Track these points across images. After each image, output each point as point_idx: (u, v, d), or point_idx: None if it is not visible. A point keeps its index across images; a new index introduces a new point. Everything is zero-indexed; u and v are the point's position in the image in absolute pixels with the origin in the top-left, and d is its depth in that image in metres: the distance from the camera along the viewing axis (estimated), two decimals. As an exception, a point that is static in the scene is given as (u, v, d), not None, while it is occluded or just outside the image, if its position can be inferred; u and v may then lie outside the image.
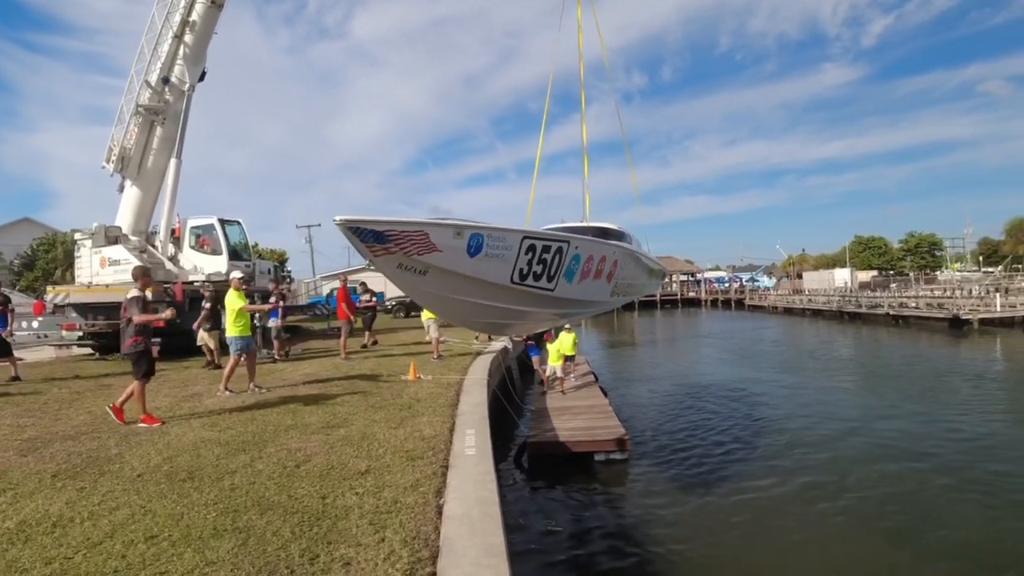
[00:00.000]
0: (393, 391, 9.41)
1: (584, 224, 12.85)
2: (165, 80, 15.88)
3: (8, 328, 12.88)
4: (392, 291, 44.42)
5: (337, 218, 5.92)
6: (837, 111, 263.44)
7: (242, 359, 9.63)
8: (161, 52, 15.88)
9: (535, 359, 16.80)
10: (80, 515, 4.40)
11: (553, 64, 13.89)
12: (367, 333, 16.75)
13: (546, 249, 7.71)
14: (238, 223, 18.44)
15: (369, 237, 6.07)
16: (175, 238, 17.12)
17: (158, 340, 11.15)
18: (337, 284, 14.84)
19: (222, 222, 17.53)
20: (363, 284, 17.87)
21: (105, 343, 15.16)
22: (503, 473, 9.69)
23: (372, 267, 6.64)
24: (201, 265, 17.01)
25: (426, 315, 14.86)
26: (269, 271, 19.18)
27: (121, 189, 16.73)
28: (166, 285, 14.68)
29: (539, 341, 17.08)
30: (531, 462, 10.81)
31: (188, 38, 15.88)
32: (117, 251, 15.68)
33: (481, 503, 4.46)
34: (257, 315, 13.23)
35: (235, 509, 4.44)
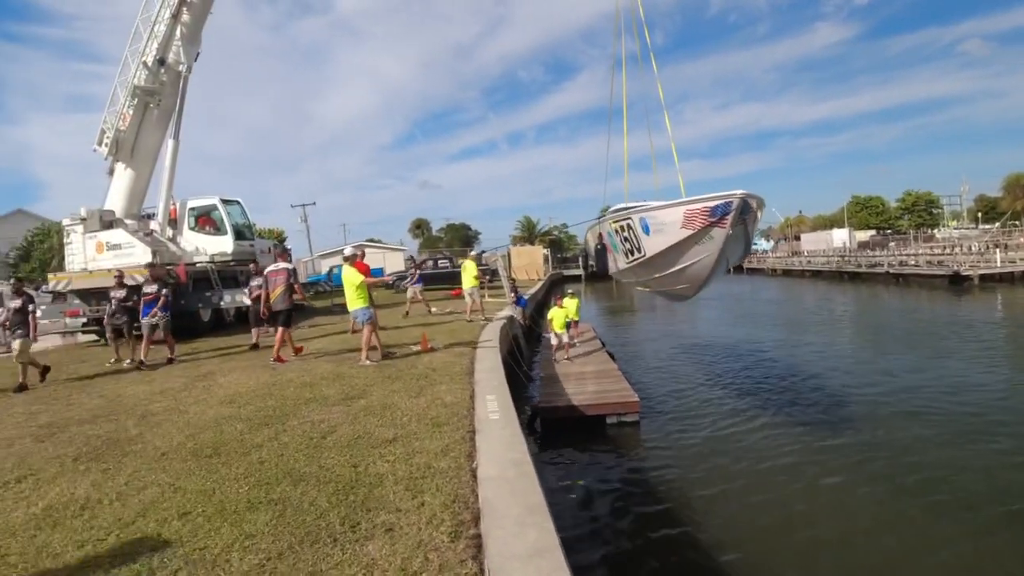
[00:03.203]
0: (407, 362, 9.32)
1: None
2: (161, 61, 15.54)
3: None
4: (392, 267, 44.22)
5: (738, 192, 7.13)
6: (828, 71, 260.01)
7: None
8: (157, 32, 15.51)
9: (520, 310, 17.79)
10: (108, 496, 4.33)
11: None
12: (256, 331, 12.63)
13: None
14: (238, 203, 18.43)
15: (747, 210, 7.25)
16: (171, 220, 16.89)
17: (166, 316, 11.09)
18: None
19: (224, 202, 17.58)
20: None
21: None
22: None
23: (699, 236, 7.94)
24: (203, 246, 16.93)
25: (468, 283, 15.53)
26: (269, 249, 18.96)
27: (111, 172, 16.43)
28: (169, 267, 14.49)
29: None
30: (544, 427, 10.80)
31: (185, 17, 15.51)
32: (117, 235, 15.42)
33: (515, 464, 4.39)
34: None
35: (267, 482, 4.37)
